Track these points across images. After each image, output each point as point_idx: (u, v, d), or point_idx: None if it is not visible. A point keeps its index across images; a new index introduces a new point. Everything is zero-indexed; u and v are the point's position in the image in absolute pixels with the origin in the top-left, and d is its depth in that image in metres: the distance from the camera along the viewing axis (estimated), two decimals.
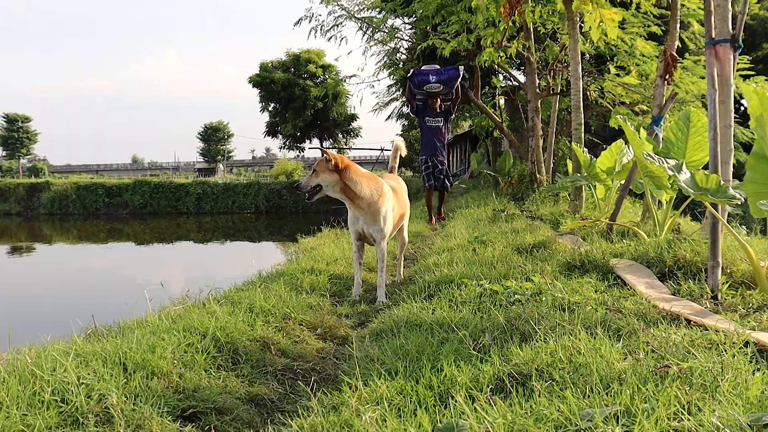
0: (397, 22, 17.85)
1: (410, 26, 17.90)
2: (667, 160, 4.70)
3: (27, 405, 2.21)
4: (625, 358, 2.28)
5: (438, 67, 11.01)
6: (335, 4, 15.34)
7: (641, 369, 2.11)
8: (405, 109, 27.25)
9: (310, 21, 15.74)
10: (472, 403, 2.04)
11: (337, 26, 15.54)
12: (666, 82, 6.52)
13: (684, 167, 4.35)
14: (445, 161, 10.65)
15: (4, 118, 65.91)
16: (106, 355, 2.62)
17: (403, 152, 6.06)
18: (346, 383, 2.34)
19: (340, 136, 49.00)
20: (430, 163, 10.47)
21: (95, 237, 29.44)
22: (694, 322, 2.84)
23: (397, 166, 6.11)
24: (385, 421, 1.97)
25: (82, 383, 2.36)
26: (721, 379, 1.98)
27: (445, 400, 2.12)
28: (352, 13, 15.57)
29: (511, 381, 2.18)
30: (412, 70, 10.70)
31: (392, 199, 4.93)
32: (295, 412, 2.39)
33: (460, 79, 10.51)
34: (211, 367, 2.72)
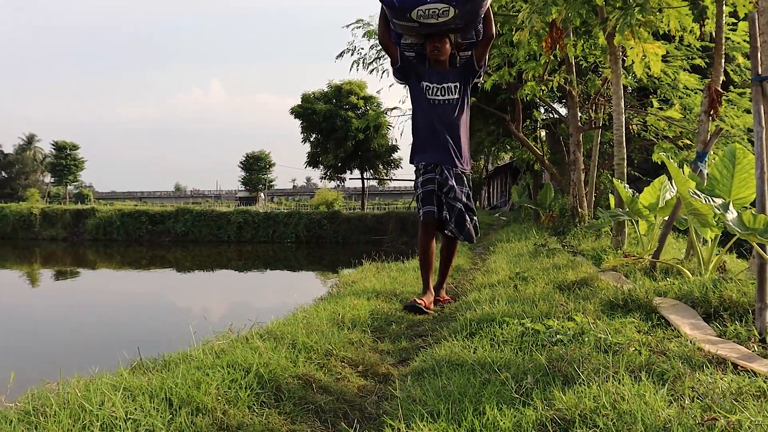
0: None
1: None
2: (714, 198, 4.65)
3: None
4: (670, 405, 2.25)
5: None
6: (378, 37, 15.58)
7: (687, 418, 2.08)
8: None
9: (352, 54, 16.02)
10: None
11: (379, 59, 15.80)
12: (711, 117, 6.46)
13: (731, 206, 4.30)
14: (465, 180, 5.43)
15: (53, 145, 67.62)
16: (152, 389, 2.66)
17: None
18: (388, 425, 2.35)
19: (381, 167, 49.25)
20: (429, 177, 5.32)
21: (137, 263, 29.97)
22: (742, 367, 2.80)
23: None
24: None
25: (130, 418, 2.41)
26: None
27: None
28: None
29: (554, 427, 2.17)
30: None
31: None
32: None
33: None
34: (254, 404, 2.74)
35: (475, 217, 5.44)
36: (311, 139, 47.81)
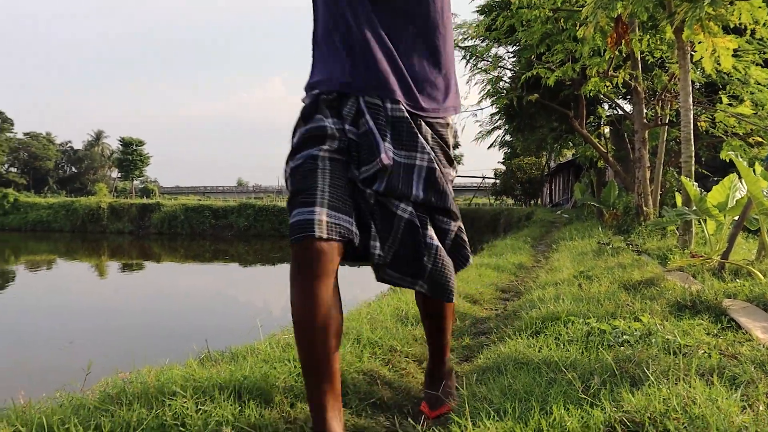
0: (501, 50, 17.93)
1: (513, 55, 17.93)
2: None
3: (151, 429, 2.33)
4: (743, 411, 2.20)
5: None
6: None
7: (763, 426, 2.04)
8: (508, 137, 26.77)
9: None
10: None
11: None
12: None
13: None
14: (433, 138, 2.35)
15: (120, 141, 69.30)
16: (221, 382, 2.73)
17: None
18: (455, 422, 2.36)
19: None
20: (314, 129, 2.22)
21: (201, 257, 30.57)
22: None
23: None
24: None
25: (200, 410, 2.47)
26: None
27: None
28: (456, 42, 15.71)
29: (623, 428, 2.14)
30: None
31: None
32: None
33: None
34: None
35: (452, 231, 2.53)
36: None
